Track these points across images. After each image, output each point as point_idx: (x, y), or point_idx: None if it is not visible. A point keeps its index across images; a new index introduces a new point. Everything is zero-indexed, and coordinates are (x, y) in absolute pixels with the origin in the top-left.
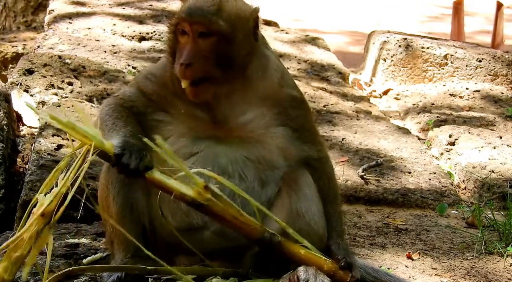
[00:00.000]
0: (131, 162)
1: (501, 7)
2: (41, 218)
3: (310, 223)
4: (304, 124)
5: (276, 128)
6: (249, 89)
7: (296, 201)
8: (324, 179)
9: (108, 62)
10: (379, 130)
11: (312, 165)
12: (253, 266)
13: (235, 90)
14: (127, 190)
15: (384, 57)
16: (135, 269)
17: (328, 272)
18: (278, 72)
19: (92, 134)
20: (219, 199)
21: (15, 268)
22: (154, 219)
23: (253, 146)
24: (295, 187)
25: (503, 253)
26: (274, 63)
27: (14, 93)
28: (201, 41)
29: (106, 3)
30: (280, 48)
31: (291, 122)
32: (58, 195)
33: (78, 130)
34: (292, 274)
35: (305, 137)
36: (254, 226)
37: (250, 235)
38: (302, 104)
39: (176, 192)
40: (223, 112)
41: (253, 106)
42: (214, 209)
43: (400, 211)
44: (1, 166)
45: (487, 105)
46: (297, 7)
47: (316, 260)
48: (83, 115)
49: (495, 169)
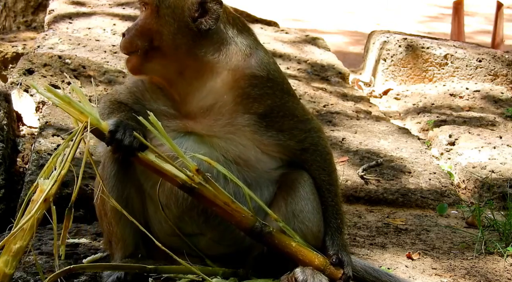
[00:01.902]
0: (125, 138)
1: (501, 7)
2: (44, 203)
3: (304, 221)
4: (275, 108)
5: (242, 116)
6: (206, 74)
7: (291, 203)
8: (314, 170)
9: (108, 62)
10: (379, 130)
11: (298, 157)
12: (253, 267)
13: (189, 75)
14: (121, 186)
15: (384, 57)
16: (135, 268)
17: (318, 267)
18: (242, 55)
19: (88, 111)
20: (210, 184)
21: (15, 261)
22: (150, 221)
23: (230, 143)
24: (290, 191)
25: (503, 253)
26: (239, 46)
27: (14, 93)
28: (141, 14)
29: (106, 3)
30: (280, 48)
31: (255, 106)
32: (59, 177)
33: (74, 106)
34: (289, 275)
35: (279, 124)
36: (245, 215)
37: (241, 223)
38: (267, 83)
39: (168, 174)
40: (185, 100)
41: (213, 92)
42: (205, 194)
43: (400, 211)
44: (1, 166)
45: (487, 105)
46: (297, 7)
47: (306, 254)
48: (80, 95)
49: (495, 169)
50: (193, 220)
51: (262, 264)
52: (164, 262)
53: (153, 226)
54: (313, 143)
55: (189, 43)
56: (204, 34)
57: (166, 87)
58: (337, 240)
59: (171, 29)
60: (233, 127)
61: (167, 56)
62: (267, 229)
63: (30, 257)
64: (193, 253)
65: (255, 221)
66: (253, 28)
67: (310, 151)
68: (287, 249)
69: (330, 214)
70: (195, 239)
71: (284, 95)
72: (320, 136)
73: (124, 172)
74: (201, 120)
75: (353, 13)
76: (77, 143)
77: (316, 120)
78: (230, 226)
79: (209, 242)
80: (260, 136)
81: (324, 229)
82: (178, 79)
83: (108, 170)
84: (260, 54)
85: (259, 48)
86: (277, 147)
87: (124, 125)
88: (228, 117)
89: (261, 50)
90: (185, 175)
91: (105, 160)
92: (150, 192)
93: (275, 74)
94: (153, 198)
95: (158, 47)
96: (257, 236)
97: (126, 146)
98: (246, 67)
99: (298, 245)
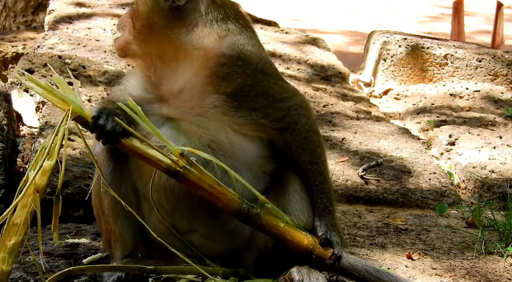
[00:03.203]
0: (108, 123)
1: (501, 7)
2: (35, 195)
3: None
4: (246, 86)
5: (211, 97)
6: (180, 56)
7: (282, 202)
8: (294, 151)
9: (108, 62)
10: (379, 130)
11: (278, 137)
12: (253, 266)
13: (167, 58)
14: (117, 185)
15: (384, 57)
16: (135, 269)
17: (307, 248)
18: (215, 36)
19: (70, 99)
20: (195, 167)
21: (12, 257)
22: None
23: (201, 127)
24: (281, 189)
25: (503, 253)
26: (214, 29)
27: (14, 93)
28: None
29: (106, 3)
30: (280, 48)
31: (224, 86)
32: (47, 166)
33: (56, 94)
34: (286, 275)
35: (251, 103)
36: (231, 197)
37: (228, 206)
38: (237, 62)
39: (152, 159)
40: (161, 83)
41: (184, 74)
42: (189, 177)
43: (400, 211)
44: (1, 166)
45: (487, 105)
46: (297, 7)
47: (295, 234)
48: (62, 84)
49: (495, 169)
50: (183, 215)
51: (262, 264)
52: (164, 262)
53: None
54: (291, 121)
55: (161, 23)
56: (177, 15)
57: (148, 72)
58: (325, 220)
59: (145, 9)
60: (202, 109)
61: (145, 38)
62: (254, 210)
63: (30, 257)
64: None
65: (242, 203)
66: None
67: (289, 130)
68: (275, 230)
69: (315, 194)
70: (188, 236)
71: (258, 74)
72: (300, 114)
73: (119, 171)
74: (173, 104)
75: (353, 13)
76: (62, 131)
77: (298, 97)
78: (219, 222)
79: (201, 239)
80: (230, 117)
81: (312, 210)
82: (158, 63)
83: (104, 169)
84: (238, 38)
85: (243, 34)
86: (250, 126)
87: (107, 111)
88: (197, 99)
89: (244, 36)
90: (169, 159)
91: (100, 158)
92: (143, 191)
93: (248, 54)
94: (147, 197)
95: (137, 28)
96: (244, 218)
97: (109, 131)
98: (216, 47)
99: (286, 225)
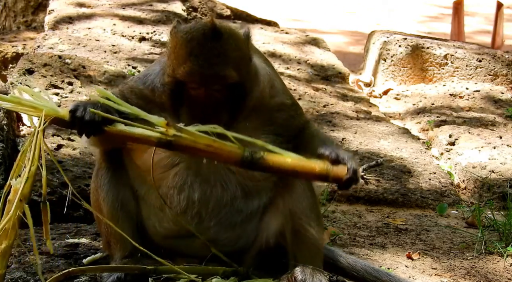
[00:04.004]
0: (86, 114)
1: (501, 7)
2: (20, 203)
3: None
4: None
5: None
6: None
7: (290, 202)
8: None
9: (108, 62)
10: (379, 130)
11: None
12: (254, 265)
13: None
14: (116, 191)
15: (384, 57)
16: (135, 269)
17: (321, 174)
18: (268, 81)
19: (41, 104)
20: (185, 132)
21: (4, 261)
22: (145, 224)
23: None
24: (289, 191)
25: (503, 253)
26: (264, 72)
27: (14, 93)
28: (215, 93)
29: (106, 3)
30: (280, 48)
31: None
32: (30, 175)
33: (25, 103)
34: (289, 275)
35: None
36: (231, 149)
37: (230, 158)
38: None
39: (141, 137)
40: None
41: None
42: (183, 143)
43: (400, 211)
44: (1, 166)
45: (487, 105)
46: (297, 7)
47: (305, 165)
48: (29, 91)
49: (495, 169)
50: (187, 223)
51: (261, 263)
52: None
53: (148, 230)
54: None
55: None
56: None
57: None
58: (328, 144)
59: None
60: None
61: None
62: (258, 155)
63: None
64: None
65: (243, 150)
66: (253, 28)
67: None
68: (284, 167)
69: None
70: (190, 240)
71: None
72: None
73: (118, 177)
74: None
75: (353, 13)
76: (40, 137)
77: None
78: (224, 227)
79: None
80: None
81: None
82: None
83: (102, 177)
84: (273, 76)
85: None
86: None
87: (83, 104)
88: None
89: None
90: (157, 132)
91: (98, 167)
92: (145, 197)
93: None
94: (147, 202)
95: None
96: (250, 164)
97: (88, 121)
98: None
99: (293, 160)
